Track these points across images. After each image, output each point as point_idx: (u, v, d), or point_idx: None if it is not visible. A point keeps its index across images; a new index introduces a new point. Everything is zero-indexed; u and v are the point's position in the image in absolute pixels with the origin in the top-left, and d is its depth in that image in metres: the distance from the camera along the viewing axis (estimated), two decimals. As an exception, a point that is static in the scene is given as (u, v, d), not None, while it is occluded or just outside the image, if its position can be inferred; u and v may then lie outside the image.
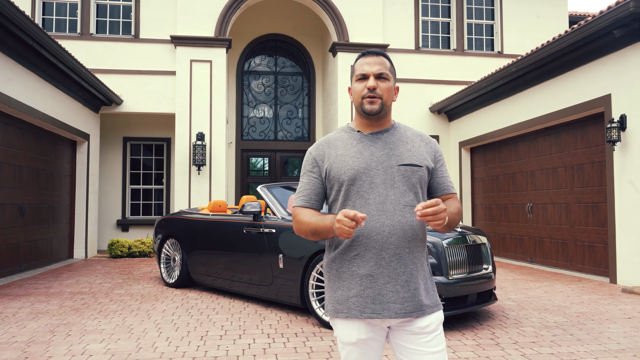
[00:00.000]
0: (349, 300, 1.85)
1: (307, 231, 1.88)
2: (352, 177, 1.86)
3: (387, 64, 1.92)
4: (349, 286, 1.86)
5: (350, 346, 1.88)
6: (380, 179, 1.86)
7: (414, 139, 1.98)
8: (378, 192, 1.85)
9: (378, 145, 1.91)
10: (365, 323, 1.85)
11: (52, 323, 4.99)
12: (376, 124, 1.95)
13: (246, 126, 13.67)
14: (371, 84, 1.87)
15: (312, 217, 1.87)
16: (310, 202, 1.94)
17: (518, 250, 9.92)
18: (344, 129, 2.01)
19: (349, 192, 1.87)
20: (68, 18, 11.42)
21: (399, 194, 1.85)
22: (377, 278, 1.83)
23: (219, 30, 11.22)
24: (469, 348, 4.22)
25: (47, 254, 9.28)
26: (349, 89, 1.98)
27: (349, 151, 1.91)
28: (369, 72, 1.88)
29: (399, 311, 1.82)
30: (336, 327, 1.91)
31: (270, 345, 4.29)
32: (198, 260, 6.66)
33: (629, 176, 6.96)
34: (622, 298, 6.27)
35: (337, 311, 1.88)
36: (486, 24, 12.76)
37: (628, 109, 6.99)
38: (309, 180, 1.96)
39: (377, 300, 1.82)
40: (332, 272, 1.93)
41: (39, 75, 8.24)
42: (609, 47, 7.26)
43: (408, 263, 1.85)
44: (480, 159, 11.37)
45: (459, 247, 4.96)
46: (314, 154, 1.97)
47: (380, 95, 1.88)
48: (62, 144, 9.94)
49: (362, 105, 1.90)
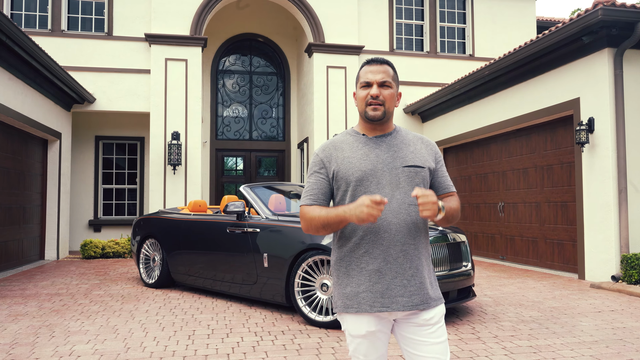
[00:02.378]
0: (359, 296, 1.94)
1: (317, 225, 1.95)
2: (360, 178, 1.96)
3: (390, 72, 2.02)
4: (358, 282, 1.95)
5: (360, 339, 1.97)
6: (387, 179, 1.97)
7: (415, 142, 2.09)
8: (384, 192, 1.95)
9: (383, 148, 2.02)
10: (375, 316, 1.95)
11: (33, 325, 4.92)
12: (379, 128, 2.06)
13: (221, 125, 13.62)
14: (374, 92, 1.98)
15: (322, 210, 1.95)
16: (318, 200, 2.02)
17: (490, 248, 10.21)
18: (349, 133, 2.11)
19: (356, 192, 1.96)
20: (38, 14, 11.15)
21: (403, 194, 1.96)
22: (385, 273, 1.93)
23: (195, 29, 11.15)
24: (452, 342, 4.37)
25: (18, 255, 9.06)
26: (354, 94, 2.09)
27: (356, 153, 2.01)
28: (373, 80, 1.99)
29: (407, 304, 1.92)
30: (346, 321, 2.00)
31: (259, 343, 4.34)
32: (179, 260, 6.64)
33: (596, 176, 7.27)
34: (591, 293, 6.56)
35: (347, 307, 1.97)
36: (458, 28, 13.06)
37: (596, 112, 7.30)
38: (317, 180, 2.05)
39: (386, 294, 1.92)
40: (340, 270, 2.02)
41: (9, 72, 8.03)
42: (578, 52, 7.57)
43: (414, 258, 1.95)
44: (453, 160, 11.64)
45: (440, 245, 5.11)
46: (321, 156, 2.06)
47: (382, 102, 1.99)
48: (33, 143, 9.71)
49: (366, 112, 2.01)
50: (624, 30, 6.94)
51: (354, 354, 2.01)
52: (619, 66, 7.05)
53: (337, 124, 11.67)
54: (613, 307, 5.72)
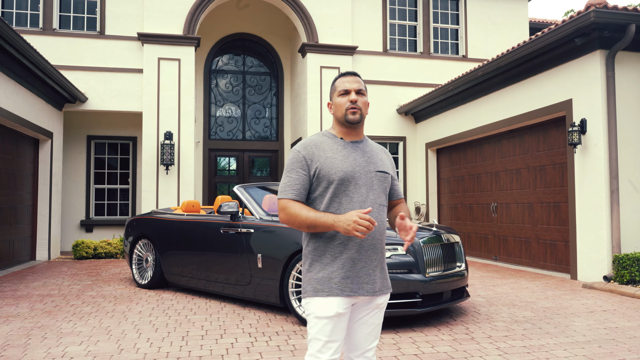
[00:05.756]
0: (332, 281, 2.15)
1: (302, 223, 2.14)
2: (342, 178, 2.17)
3: (362, 83, 2.31)
4: (332, 269, 2.16)
5: (327, 319, 2.13)
6: (363, 181, 2.21)
7: (379, 151, 2.38)
8: (361, 192, 2.19)
9: (358, 153, 2.26)
10: (343, 300, 2.15)
11: (25, 326, 4.87)
12: (354, 133, 2.29)
13: (214, 125, 13.57)
14: (354, 98, 2.23)
15: (310, 212, 2.14)
16: (300, 196, 2.19)
17: (483, 248, 10.25)
18: (325, 134, 2.30)
19: (337, 190, 2.17)
20: (29, 12, 11.06)
21: (376, 195, 2.23)
22: (357, 262, 2.18)
23: (188, 29, 11.11)
24: (446, 343, 4.38)
25: (9, 255, 8.98)
26: (329, 104, 2.34)
27: (337, 155, 2.21)
28: (351, 88, 2.25)
29: (370, 290, 2.20)
30: (313, 304, 2.16)
31: (253, 344, 4.33)
32: (172, 261, 6.61)
33: (588, 177, 7.32)
34: (584, 293, 6.60)
35: (317, 290, 2.15)
36: (451, 29, 13.11)
37: (588, 113, 7.35)
38: (299, 176, 2.20)
39: (355, 280, 2.17)
40: (315, 258, 2.21)
41: (0, 71, 7.96)
42: (570, 54, 7.62)
43: (378, 251, 2.23)
44: (446, 160, 11.68)
45: (434, 245, 5.12)
46: (303, 153, 2.22)
47: (360, 108, 2.24)
48: (25, 142, 9.63)
49: (346, 116, 2.24)
50: (616, 32, 6.99)
51: (317, 336, 2.13)
52: (611, 68, 7.10)
53: (330, 124, 11.66)
54: (605, 307, 5.76)
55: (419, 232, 5.16)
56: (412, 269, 4.86)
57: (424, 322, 5.09)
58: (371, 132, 12.14)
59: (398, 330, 4.78)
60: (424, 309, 4.84)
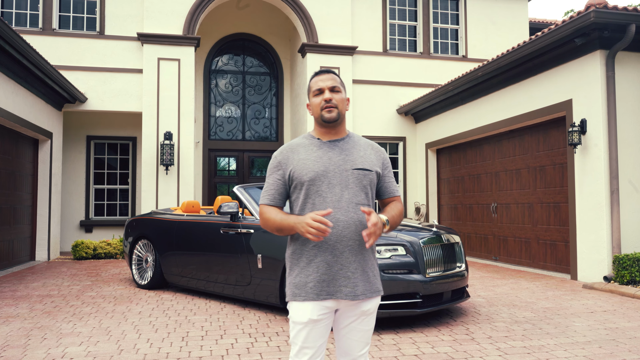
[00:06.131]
0: (307, 285, 2.12)
1: (272, 227, 2.16)
2: (312, 179, 2.14)
3: (337, 79, 2.24)
4: (307, 273, 2.13)
5: (302, 325, 2.12)
6: (337, 180, 2.15)
7: (366, 148, 2.28)
8: (334, 192, 2.14)
9: (335, 151, 2.21)
10: (320, 305, 2.11)
11: (25, 327, 4.86)
12: (333, 132, 2.25)
13: (213, 126, 13.56)
14: (328, 96, 2.19)
15: (277, 215, 2.16)
16: (275, 200, 2.21)
17: (483, 248, 10.25)
18: (305, 137, 2.29)
19: (309, 191, 2.15)
20: (29, 12, 11.05)
21: (352, 194, 2.15)
22: (332, 266, 2.12)
23: (188, 29, 11.10)
24: (446, 343, 4.38)
25: (9, 256, 8.97)
26: (308, 105, 2.29)
27: (310, 156, 2.19)
28: (324, 87, 2.21)
29: (349, 294, 2.12)
30: (291, 308, 2.16)
31: (253, 344, 4.32)
32: (172, 262, 6.60)
33: (588, 177, 7.32)
34: (584, 293, 6.60)
35: (294, 295, 2.14)
36: (451, 29, 13.10)
37: (588, 113, 7.35)
38: (274, 181, 2.22)
39: (332, 284, 2.12)
40: (293, 262, 2.19)
41: (0, 71, 7.95)
42: (570, 54, 7.61)
43: (358, 253, 2.15)
44: (446, 160, 11.67)
45: (434, 246, 5.11)
46: (279, 158, 2.23)
47: (335, 105, 2.19)
48: (24, 143, 9.62)
49: (322, 115, 2.20)
50: (616, 32, 6.98)
51: (294, 340, 2.14)
52: (611, 68, 7.10)
53: (330, 124, 11.64)
54: (605, 307, 5.75)
55: (419, 232, 5.15)
56: (412, 270, 4.86)
57: (424, 323, 5.08)
58: (371, 132, 12.14)
59: (398, 331, 4.77)
60: (424, 310, 4.83)
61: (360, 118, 12.15)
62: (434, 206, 12.01)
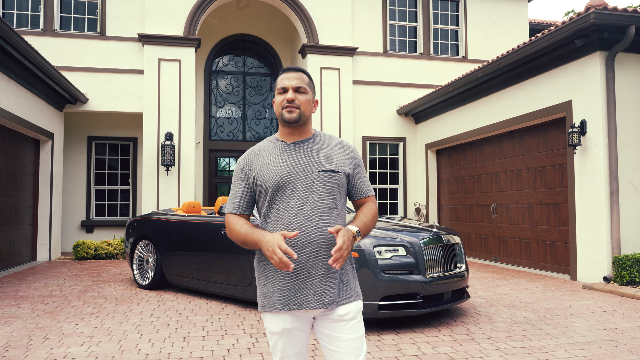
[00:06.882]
0: (274, 295, 2.04)
1: (237, 240, 2.06)
2: (276, 184, 2.04)
3: (305, 79, 2.13)
4: (274, 281, 2.05)
5: (277, 335, 2.07)
6: (302, 184, 2.05)
7: (334, 147, 2.16)
8: (299, 196, 2.03)
9: (300, 154, 2.10)
10: (290, 314, 2.04)
11: (27, 327, 4.88)
12: (297, 133, 2.14)
13: (214, 126, 13.58)
14: (290, 96, 2.07)
15: (243, 227, 2.05)
16: (240, 209, 2.12)
17: (483, 249, 10.26)
18: (269, 140, 2.19)
19: (274, 197, 2.05)
20: (30, 13, 11.08)
21: (318, 198, 2.04)
22: (297, 273, 2.01)
23: (188, 30, 11.13)
24: (446, 344, 4.39)
25: (10, 256, 8.99)
26: (273, 101, 2.17)
27: (274, 160, 2.09)
28: (288, 86, 2.09)
29: (317, 302, 2.01)
30: (264, 318, 2.10)
31: (255, 344, 4.34)
32: (173, 262, 6.62)
33: (588, 178, 7.34)
34: (583, 294, 6.62)
35: (264, 305, 2.07)
36: (451, 30, 13.12)
37: (588, 114, 7.37)
38: (239, 188, 2.14)
39: (298, 293, 2.01)
40: (260, 270, 2.11)
41: (1, 71, 7.97)
42: (570, 55, 7.63)
43: (325, 259, 2.02)
44: (446, 161, 11.69)
45: (434, 246, 5.13)
46: (242, 164, 2.15)
47: (298, 106, 2.08)
48: (25, 143, 9.65)
49: (282, 115, 2.09)
50: (616, 33, 7.00)
51: (273, 350, 2.11)
52: (611, 69, 7.12)
53: (330, 124, 11.69)
54: (605, 308, 5.77)
55: (419, 233, 5.17)
56: (412, 270, 4.88)
57: (424, 323, 5.10)
58: (371, 132, 12.17)
59: (398, 331, 4.79)
60: (424, 310, 4.85)
61: (360, 119, 12.17)
62: (434, 207, 12.02)
